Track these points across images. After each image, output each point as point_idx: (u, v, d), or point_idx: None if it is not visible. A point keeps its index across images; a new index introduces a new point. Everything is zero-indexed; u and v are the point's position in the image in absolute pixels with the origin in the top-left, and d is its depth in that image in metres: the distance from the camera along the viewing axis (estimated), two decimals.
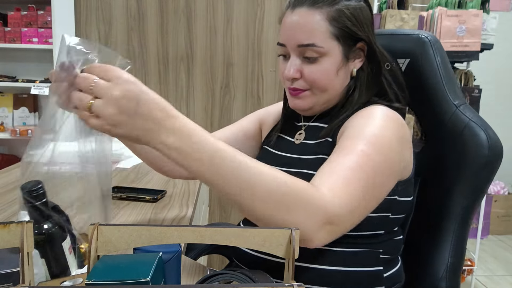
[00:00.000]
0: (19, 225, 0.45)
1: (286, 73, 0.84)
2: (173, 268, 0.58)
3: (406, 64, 0.96)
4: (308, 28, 0.81)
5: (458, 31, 2.06)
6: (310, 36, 0.81)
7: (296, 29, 0.82)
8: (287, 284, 0.38)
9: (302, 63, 0.84)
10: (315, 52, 0.82)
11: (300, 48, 0.82)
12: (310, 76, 0.83)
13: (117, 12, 2.48)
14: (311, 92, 0.86)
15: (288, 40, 0.84)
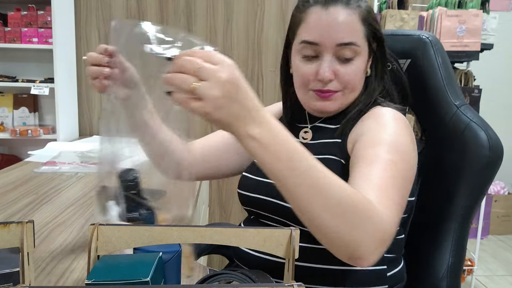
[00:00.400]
0: (19, 225, 0.45)
1: (322, 74, 0.80)
2: (173, 268, 0.57)
3: (407, 65, 0.96)
4: (348, 26, 0.80)
5: (458, 31, 2.06)
6: (350, 34, 0.80)
7: (336, 27, 0.79)
8: (287, 284, 0.38)
9: (335, 64, 0.81)
10: (353, 51, 0.81)
11: (338, 47, 0.80)
12: (345, 77, 0.82)
13: (117, 12, 2.48)
14: (342, 93, 0.84)
15: (324, 39, 0.80)
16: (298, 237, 0.48)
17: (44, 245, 0.89)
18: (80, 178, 1.47)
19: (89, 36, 2.49)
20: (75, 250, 0.87)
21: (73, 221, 1.04)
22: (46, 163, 1.66)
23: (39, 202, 1.18)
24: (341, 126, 0.85)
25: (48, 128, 2.36)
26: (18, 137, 2.28)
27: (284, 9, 2.47)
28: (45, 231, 0.97)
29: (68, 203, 1.19)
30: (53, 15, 2.16)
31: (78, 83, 2.52)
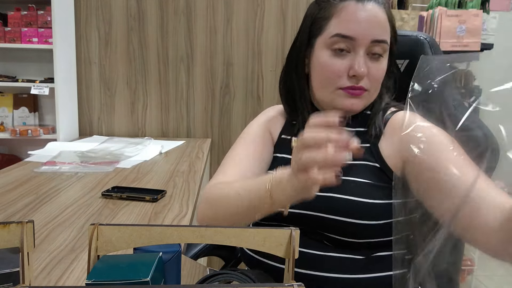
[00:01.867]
0: (19, 225, 0.45)
1: (358, 70, 0.78)
2: (173, 268, 0.57)
3: (405, 65, 0.97)
4: (382, 24, 0.79)
5: (458, 31, 2.06)
6: (384, 32, 0.80)
7: (373, 23, 0.78)
8: (287, 284, 0.38)
9: (368, 61, 0.80)
10: (383, 49, 0.80)
11: (373, 43, 0.79)
12: (376, 74, 0.81)
13: (117, 12, 2.48)
14: (369, 92, 0.82)
15: (361, 33, 0.78)
16: (298, 237, 0.48)
17: (44, 245, 0.89)
18: (80, 178, 1.47)
19: (89, 36, 2.49)
20: (75, 250, 0.87)
21: (73, 221, 1.04)
22: (46, 163, 1.66)
23: (39, 202, 1.18)
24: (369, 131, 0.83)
25: (48, 128, 2.36)
26: (18, 137, 2.28)
27: (284, 9, 2.47)
28: (45, 231, 0.97)
29: (68, 203, 1.19)
30: (53, 15, 2.16)
31: (78, 83, 2.52)
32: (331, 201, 0.77)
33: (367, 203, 0.76)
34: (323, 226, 0.78)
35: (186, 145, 2.29)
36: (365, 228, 0.76)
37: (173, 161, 1.85)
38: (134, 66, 2.53)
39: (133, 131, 2.59)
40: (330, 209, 0.77)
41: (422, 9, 2.41)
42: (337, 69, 0.79)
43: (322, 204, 0.77)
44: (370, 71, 0.79)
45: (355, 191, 0.77)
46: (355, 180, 0.78)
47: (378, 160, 0.80)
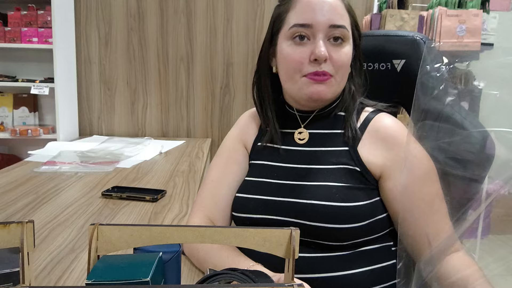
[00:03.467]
0: (19, 225, 0.45)
1: (318, 53, 0.79)
2: (173, 268, 0.57)
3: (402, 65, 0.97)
4: (339, 10, 0.82)
5: (458, 31, 2.06)
6: (341, 18, 0.82)
7: (329, 9, 0.81)
8: (287, 284, 0.38)
9: (328, 46, 0.81)
10: (343, 35, 0.82)
11: (331, 28, 0.80)
12: (338, 58, 0.81)
13: (117, 12, 2.48)
14: (334, 79, 0.83)
15: (318, 20, 0.80)
16: (298, 237, 0.48)
17: (44, 245, 0.89)
18: (80, 178, 1.47)
19: (89, 36, 2.49)
20: (75, 250, 0.87)
21: (73, 221, 1.04)
22: (46, 162, 1.66)
23: (39, 202, 1.18)
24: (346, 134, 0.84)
25: (48, 128, 2.36)
26: (18, 137, 2.28)
27: None
28: (45, 231, 0.97)
29: (68, 203, 1.19)
30: (53, 15, 2.16)
31: (78, 83, 2.52)
32: (313, 209, 0.78)
33: (349, 207, 0.77)
34: (308, 233, 0.79)
35: (186, 145, 2.29)
36: (349, 231, 0.77)
37: (173, 161, 1.85)
38: (134, 66, 2.53)
39: (133, 131, 2.59)
40: (312, 216, 0.78)
41: (422, 9, 2.41)
42: (299, 56, 0.81)
43: (304, 212, 0.79)
44: (332, 55, 0.81)
45: (336, 197, 0.78)
46: (337, 185, 0.79)
47: (358, 164, 0.81)
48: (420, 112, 0.73)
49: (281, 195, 0.83)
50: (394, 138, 0.81)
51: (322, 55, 0.79)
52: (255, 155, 0.93)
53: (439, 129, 0.75)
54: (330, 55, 0.81)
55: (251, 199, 0.85)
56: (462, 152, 0.76)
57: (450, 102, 0.90)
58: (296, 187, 0.82)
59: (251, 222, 0.84)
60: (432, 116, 0.73)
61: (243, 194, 0.87)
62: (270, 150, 0.90)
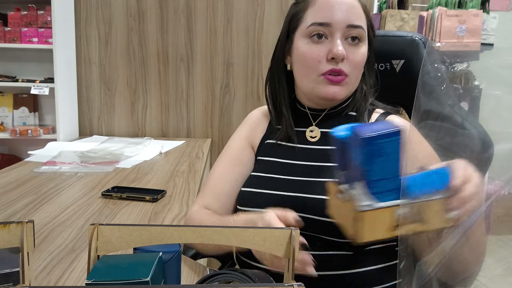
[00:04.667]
0: (19, 225, 0.45)
1: (336, 51, 0.80)
2: (174, 268, 0.57)
3: (401, 65, 0.98)
4: (357, 10, 0.83)
5: (458, 31, 2.06)
6: (359, 18, 0.82)
7: (347, 9, 0.82)
8: (287, 284, 0.38)
9: (346, 45, 0.82)
10: (360, 35, 0.82)
11: (348, 28, 0.81)
12: (355, 59, 0.82)
13: (117, 12, 2.48)
14: (349, 79, 0.83)
15: (336, 19, 0.81)
16: (298, 237, 0.48)
17: (44, 245, 0.89)
18: (80, 178, 1.47)
19: (89, 36, 2.49)
20: (75, 250, 0.87)
21: (73, 221, 1.04)
22: (46, 163, 1.66)
23: (39, 202, 1.18)
24: None
25: (48, 128, 2.36)
26: (18, 137, 2.28)
27: (284, 9, 2.47)
28: (45, 231, 0.97)
29: (68, 203, 1.19)
30: (53, 15, 2.16)
31: (78, 83, 2.52)
32: (321, 203, 0.78)
33: None
34: (315, 228, 0.79)
35: (186, 145, 2.29)
36: None
37: (173, 161, 1.85)
38: (134, 66, 2.53)
39: (133, 131, 2.59)
40: (320, 211, 0.78)
41: (422, 9, 2.41)
42: (317, 54, 0.82)
43: (312, 206, 0.79)
44: (349, 55, 0.81)
45: None
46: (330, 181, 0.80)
47: None
48: (421, 113, 0.73)
49: (290, 190, 0.83)
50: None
51: (340, 53, 0.80)
52: (262, 152, 0.94)
53: (440, 129, 0.75)
54: (347, 54, 0.81)
55: (258, 194, 0.86)
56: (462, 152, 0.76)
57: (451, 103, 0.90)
58: (307, 183, 0.83)
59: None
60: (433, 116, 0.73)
61: (249, 188, 0.88)
62: (280, 147, 0.91)
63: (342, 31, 0.81)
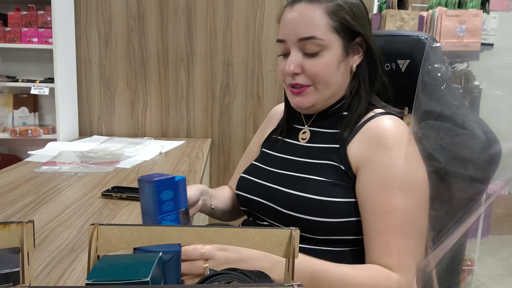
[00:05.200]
0: (19, 225, 0.45)
1: (286, 68, 0.84)
2: (173, 268, 0.57)
3: (406, 65, 0.97)
4: (308, 21, 0.82)
5: (458, 31, 2.06)
6: (311, 29, 0.82)
7: (297, 23, 0.83)
8: (287, 284, 0.38)
9: (303, 58, 0.84)
10: (316, 45, 0.82)
11: (301, 42, 0.83)
12: (312, 70, 0.83)
13: (117, 12, 2.48)
14: (314, 88, 0.85)
15: (288, 35, 0.84)
16: (298, 237, 0.48)
17: (44, 245, 0.89)
18: (80, 178, 1.47)
19: (89, 36, 2.49)
20: (75, 250, 0.87)
21: (73, 221, 1.04)
22: (46, 163, 1.66)
23: (39, 202, 1.18)
24: (341, 133, 0.85)
25: (48, 128, 2.36)
26: (18, 137, 2.28)
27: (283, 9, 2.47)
28: (45, 231, 0.97)
29: (68, 203, 1.19)
30: (53, 15, 2.16)
31: (78, 83, 2.52)
32: (289, 197, 0.83)
33: (323, 201, 0.79)
34: (283, 220, 0.83)
35: (186, 145, 2.29)
36: (322, 225, 0.79)
37: (173, 161, 1.85)
38: (134, 66, 2.53)
39: (133, 131, 2.59)
40: (287, 205, 0.83)
41: (422, 9, 2.41)
42: (281, 69, 0.88)
43: (282, 199, 0.85)
44: (305, 67, 0.84)
45: (314, 190, 0.81)
46: (317, 178, 0.82)
47: (343, 162, 0.82)
48: (421, 112, 0.73)
49: (267, 181, 0.90)
50: (380, 138, 0.80)
51: (289, 72, 0.84)
52: (267, 145, 1.02)
53: (440, 129, 0.75)
54: (303, 67, 0.84)
55: (249, 180, 0.94)
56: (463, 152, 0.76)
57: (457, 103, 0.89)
58: (281, 176, 0.88)
59: (244, 200, 0.93)
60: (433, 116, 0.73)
61: (244, 174, 0.97)
62: (278, 141, 0.98)
63: (297, 46, 0.84)
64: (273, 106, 1.14)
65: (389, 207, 0.74)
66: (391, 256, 0.72)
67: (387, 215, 0.73)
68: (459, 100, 0.91)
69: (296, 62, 0.83)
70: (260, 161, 0.98)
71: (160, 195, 0.76)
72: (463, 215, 0.73)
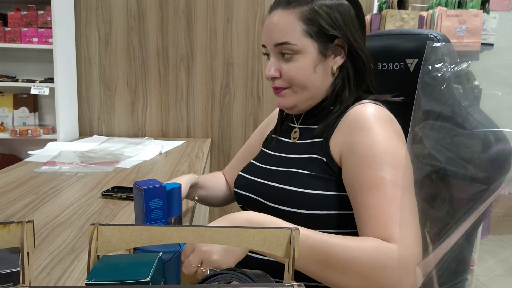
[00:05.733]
0: (19, 225, 0.45)
1: (266, 72, 0.89)
2: (173, 268, 0.57)
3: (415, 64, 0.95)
4: (282, 27, 0.85)
5: (458, 31, 2.06)
6: (284, 35, 0.85)
7: (272, 29, 0.87)
8: (287, 284, 0.38)
9: (280, 62, 0.88)
10: (290, 50, 0.85)
11: (277, 47, 0.87)
12: (287, 74, 0.87)
13: (117, 12, 2.48)
14: (292, 90, 0.89)
15: (266, 41, 0.89)
16: (298, 237, 0.48)
17: (44, 245, 0.89)
18: (80, 178, 1.47)
19: (89, 36, 2.49)
20: (75, 250, 0.87)
21: (73, 221, 1.04)
22: (46, 163, 1.66)
23: (39, 202, 1.18)
24: (322, 126, 0.88)
25: (48, 128, 2.36)
26: (18, 137, 2.28)
27: None
28: (45, 231, 0.97)
29: (68, 203, 1.19)
30: (53, 15, 2.16)
31: (78, 83, 2.52)
32: (272, 190, 0.86)
33: (304, 193, 0.81)
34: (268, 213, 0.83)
35: (186, 145, 2.29)
36: (303, 217, 0.81)
37: (173, 161, 1.85)
38: (134, 66, 2.53)
39: (133, 131, 2.59)
40: (271, 197, 0.86)
41: (422, 9, 2.41)
42: (265, 73, 0.91)
43: (266, 192, 0.88)
44: (282, 71, 0.88)
45: (295, 182, 0.83)
46: (301, 172, 0.84)
47: (325, 154, 0.84)
48: (422, 112, 0.72)
49: (257, 176, 0.93)
50: (358, 122, 0.80)
51: (267, 75, 0.89)
52: (265, 143, 1.05)
53: (440, 129, 0.75)
54: (281, 71, 0.88)
55: (244, 178, 0.98)
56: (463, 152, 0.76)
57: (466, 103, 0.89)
58: (270, 171, 0.92)
59: (239, 196, 0.97)
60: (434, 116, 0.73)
61: (242, 173, 1.01)
62: (273, 140, 1.02)
63: (274, 51, 0.88)
64: (273, 106, 1.16)
65: (375, 181, 0.73)
66: (385, 227, 0.70)
67: (375, 188, 0.73)
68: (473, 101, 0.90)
69: (274, 66, 0.88)
70: (257, 160, 1.01)
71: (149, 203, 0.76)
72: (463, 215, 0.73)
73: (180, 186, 0.82)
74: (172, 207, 0.80)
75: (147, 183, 0.77)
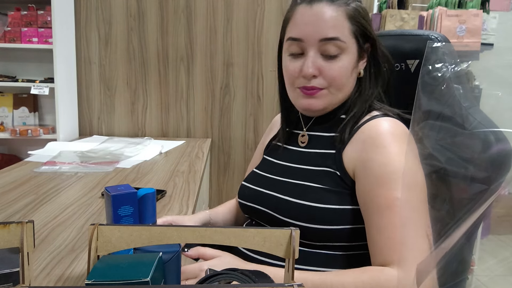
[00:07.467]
0: (19, 225, 0.45)
1: (305, 70, 0.81)
2: (173, 268, 0.57)
3: (416, 65, 0.95)
4: (332, 22, 0.80)
5: (458, 31, 2.06)
6: (334, 30, 0.80)
7: (319, 22, 0.80)
8: (287, 284, 0.38)
9: (319, 60, 0.81)
10: (337, 47, 0.80)
11: (322, 42, 0.80)
12: (330, 73, 0.81)
13: (117, 12, 2.48)
14: (328, 91, 0.83)
15: (308, 34, 0.81)
16: (298, 237, 0.48)
17: (44, 245, 0.89)
18: (80, 178, 1.47)
19: (89, 36, 2.49)
20: (75, 250, 0.87)
21: (73, 221, 1.04)
22: (46, 163, 1.66)
23: (39, 202, 1.18)
24: (337, 137, 0.84)
25: (48, 128, 2.36)
26: (18, 137, 2.28)
27: (284, 9, 2.47)
28: (45, 231, 0.97)
29: (68, 203, 1.19)
30: (53, 15, 2.16)
31: (78, 83, 2.52)
32: (283, 203, 0.82)
33: (319, 208, 0.78)
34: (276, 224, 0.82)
35: (186, 145, 2.29)
36: (317, 231, 0.78)
37: (173, 161, 1.85)
38: (134, 66, 2.53)
39: (133, 131, 2.59)
40: (281, 210, 0.82)
41: (422, 9, 2.41)
42: (292, 70, 0.84)
43: (276, 205, 0.84)
44: (323, 70, 0.81)
45: (309, 196, 0.80)
46: (314, 185, 0.81)
47: (339, 168, 0.81)
48: (421, 112, 0.72)
49: (263, 187, 0.89)
50: (374, 138, 0.78)
51: (308, 73, 0.81)
52: (267, 152, 1.01)
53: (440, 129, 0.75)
54: (321, 70, 0.81)
55: (249, 188, 0.93)
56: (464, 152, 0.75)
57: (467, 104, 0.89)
58: (277, 182, 0.88)
59: (245, 207, 0.93)
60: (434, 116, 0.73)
61: (245, 182, 0.97)
62: (278, 148, 0.97)
63: (316, 46, 0.81)
64: (273, 106, 1.13)
65: (389, 201, 0.72)
66: (394, 251, 0.70)
67: (388, 209, 0.72)
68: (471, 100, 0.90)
69: (315, 64, 0.81)
70: (261, 168, 0.97)
71: (118, 210, 0.74)
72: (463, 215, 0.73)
73: (155, 192, 0.78)
74: (145, 214, 0.77)
75: (118, 189, 0.75)
